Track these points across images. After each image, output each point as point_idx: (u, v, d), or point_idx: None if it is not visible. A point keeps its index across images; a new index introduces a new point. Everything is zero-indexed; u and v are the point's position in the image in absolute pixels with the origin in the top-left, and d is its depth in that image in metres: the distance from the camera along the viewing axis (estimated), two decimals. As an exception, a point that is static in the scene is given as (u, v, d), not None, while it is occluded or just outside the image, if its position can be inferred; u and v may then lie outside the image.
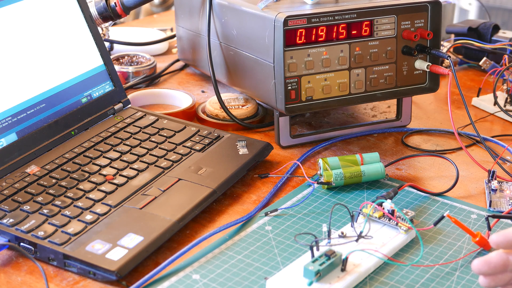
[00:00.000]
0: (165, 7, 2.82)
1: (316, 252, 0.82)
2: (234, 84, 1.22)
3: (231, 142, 1.08)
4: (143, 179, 0.98)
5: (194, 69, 1.45)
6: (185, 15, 1.33)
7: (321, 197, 0.99)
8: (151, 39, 1.51)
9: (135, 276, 0.83)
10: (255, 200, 0.99)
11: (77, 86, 1.10)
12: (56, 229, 0.86)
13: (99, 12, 1.25)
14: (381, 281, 0.82)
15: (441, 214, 0.93)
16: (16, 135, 1.00)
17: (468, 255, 0.87)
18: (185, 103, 1.26)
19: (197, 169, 1.01)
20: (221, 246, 0.88)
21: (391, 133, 1.20)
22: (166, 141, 1.08)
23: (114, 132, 1.09)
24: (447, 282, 0.82)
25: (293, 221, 0.93)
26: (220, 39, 1.20)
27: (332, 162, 1.01)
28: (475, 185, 1.04)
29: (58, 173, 0.97)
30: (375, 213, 0.89)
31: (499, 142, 1.15)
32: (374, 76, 1.12)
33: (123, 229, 0.87)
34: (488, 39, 1.45)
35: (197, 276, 0.82)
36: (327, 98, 1.10)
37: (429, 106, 1.31)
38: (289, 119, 1.12)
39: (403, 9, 1.10)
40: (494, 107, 1.27)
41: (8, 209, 0.89)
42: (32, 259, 0.84)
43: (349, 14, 1.07)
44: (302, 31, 1.05)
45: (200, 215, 0.95)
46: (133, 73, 1.37)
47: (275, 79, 1.07)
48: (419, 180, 1.05)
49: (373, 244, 0.86)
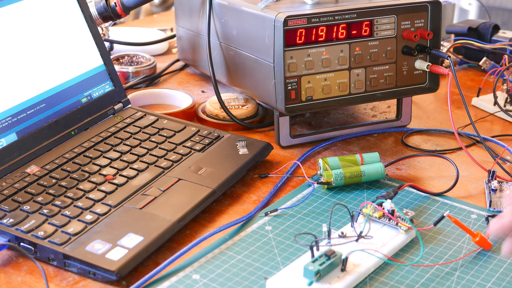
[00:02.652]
0: (165, 7, 2.82)
1: (316, 252, 0.82)
2: (234, 84, 1.22)
3: (231, 142, 1.08)
4: (143, 179, 0.98)
5: (194, 69, 1.45)
6: (185, 15, 1.33)
7: (321, 197, 0.99)
8: (151, 39, 1.51)
9: (135, 276, 0.83)
10: (255, 200, 0.99)
11: (77, 86, 1.10)
12: (56, 229, 0.86)
13: (99, 12, 1.25)
14: (381, 281, 0.82)
15: (441, 214, 0.93)
16: (16, 135, 1.00)
17: (468, 255, 0.87)
18: (185, 103, 1.26)
19: (197, 169, 1.01)
20: (221, 246, 0.88)
21: (391, 133, 1.20)
22: (166, 141, 1.08)
23: (114, 132, 1.09)
24: (447, 282, 0.82)
25: (293, 221, 0.93)
26: (220, 39, 1.20)
27: (332, 162, 1.01)
28: (475, 185, 1.04)
29: (58, 173, 0.97)
30: (375, 213, 0.89)
31: (499, 142, 1.15)
32: (374, 76, 1.12)
33: (123, 229, 0.87)
34: (488, 39, 1.45)
35: (197, 276, 0.82)
36: (327, 98, 1.10)
37: (429, 106, 1.31)
38: (289, 119, 1.12)
39: (403, 9, 1.10)
40: (494, 107, 1.27)
41: (8, 209, 0.89)
42: (32, 259, 0.84)
43: (349, 14, 1.07)
44: (302, 31, 1.05)
45: (200, 215, 0.95)
46: (133, 73, 1.37)
47: (275, 79, 1.07)
48: (419, 180, 1.05)
49: (373, 244, 0.86)
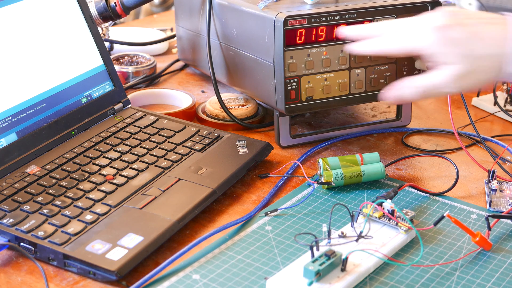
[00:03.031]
0: (165, 7, 2.82)
1: (316, 252, 0.82)
2: (234, 84, 1.22)
3: (231, 142, 1.08)
4: (143, 179, 0.98)
5: (194, 69, 1.45)
6: (185, 15, 1.33)
7: (321, 197, 0.99)
8: (151, 39, 1.51)
9: (135, 276, 0.83)
10: (255, 200, 0.99)
11: (77, 86, 1.10)
12: (56, 229, 0.86)
13: (99, 12, 1.25)
14: (381, 281, 0.82)
15: (441, 214, 0.93)
16: (16, 135, 1.00)
17: (468, 255, 0.87)
18: (185, 103, 1.26)
19: (197, 169, 1.01)
20: (221, 246, 0.88)
21: (391, 133, 1.20)
22: (166, 141, 1.08)
23: (114, 132, 1.09)
24: (447, 282, 0.82)
25: (293, 221, 0.93)
26: (220, 39, 1.20)
27: (332, 162, 1.01)
28: (475, 185, 1.04)
29: (58, 173, 0.97)
30: (375, 213, 0.89)
31: (499, 142, 1.15)
32: (374, 76, 1.12)
33: (123, 229, 0.87)
34: (488, 39, 1.45)
35: (197, 276, 0.82)
36: (327, 98, 1.10)
37: (429, 106, 1.31)
38: (289, 119, 1.12)
39: (403, 9, 1.10)
40: (494, 107, 1.27)
41: (8, 209, 0.89)
42: (32, 259, 0.84)
43: (349, 14, 1.07)
44: (302, 31, 1.05)
45: (200, 215, 0.95)
46: (133, 73, 1.37)
47: (275, 79, 1.07)
48: (419, 180, 1.05)
49: (373, 244, 0.86)
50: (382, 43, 0.92)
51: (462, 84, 0.89)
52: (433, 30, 0.88)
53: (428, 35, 0.88)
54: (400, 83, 0.93)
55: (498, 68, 0.88)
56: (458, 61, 0.87)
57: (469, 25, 0.87)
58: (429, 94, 0.92)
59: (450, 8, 0.90)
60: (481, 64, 0.87)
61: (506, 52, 0.87)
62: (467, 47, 0.87)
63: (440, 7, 1.10)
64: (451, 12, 0.89)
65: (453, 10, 0.90)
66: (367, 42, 0.94)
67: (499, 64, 0.87)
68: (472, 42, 0.87)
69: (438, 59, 0.88)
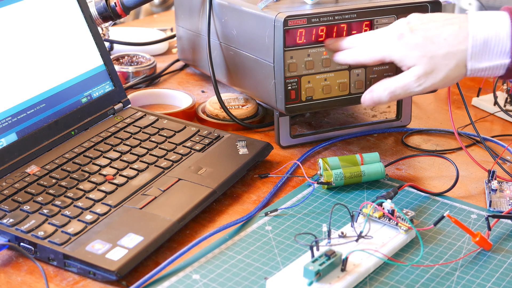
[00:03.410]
0: (165, 7, 2.82)
1: (316, 252, 0.82)
2: (234, 84, 1.22)
3: (231, 142, 1.08)
4: (143, 179, 0.98)
5: (194, 69, 1.45)
6: (185, 15, 1.33)
7: (321, 197, 0.99)
8: (151, 39, 1.51)
9: (135, 276, 0.83)
10: (255, 200, 0.99)
11: (77, 86, 1.10)
12: (56, 229, 0.86)
13: (99, 12, 1.25)
14: (381, 281, 0.82)
15: (441, 214, 0.93)
16: (16, 135, 1.00)
17: (468, 255, 0.87)
18: (185, 103, 1.26)
19: (197, 169, 1.01)
20: (221, 246, 0.88)
21: (391, 133, 1.20)
22: (166, 141, 1.08)
23: (114, 132, 1.09)
24: (447, 282, 0.82)
25: (293, 221, 0.93)
26: (220, 39, 1.20)
27: (332, 162, 1.01)
28: (475, 185, 1.04)
29: (58, 173, 0.97)
30: (375, 213, 0.89)
31: (499, 142, 1.15)
32: (374, 76, 1.11)
33: (123, 229, 0.87)
34: (488, 39, 1.45)
35: (197, 276, 0.82)
36: (327, 98, 1.10)
37: (429, 106, 1.31)
38: (289, 119, 1.12)
39: (403, 9, 1.10)
40: (494, 107, 1.27)
41: (8, 209, 0.89)
42: (32, 259, 0.84)
43: (349, 14, 1.07)
44: (302, 31, 1.05)
45: (200, 215, 0.95)
46: (133, 73, 1.37)
47: (275, 79, 1.07)
48: (419, 180, 1.05)
49: (373, 244, 0.86)
50: (356, 53, 1.02)
51: (426, 82, 0.95)
52: (396, 38, 0.96)
53: (393, 43, 0.96)
54: (373, 86, 1.00)
55: (463, 65, 0.93)
56: (419, 62, 0.95)
57: (426, 29, 0.94)
58: (399, 95, 0.98)
59: (416, 15, 0.97)
60: (443, 62, 0.93)
61: (468, 48, 0.92)
62: (425, 49, 0.94)
63: (439, 7, 1.11)
64: (414, 18, 0.96)
65: (417, 16, 0.97)
66: (344, 53, 1.03)
67: (463, 61, 0.93)
68: (429, 44, 0.93)
69: (405, 63, 0.96)
